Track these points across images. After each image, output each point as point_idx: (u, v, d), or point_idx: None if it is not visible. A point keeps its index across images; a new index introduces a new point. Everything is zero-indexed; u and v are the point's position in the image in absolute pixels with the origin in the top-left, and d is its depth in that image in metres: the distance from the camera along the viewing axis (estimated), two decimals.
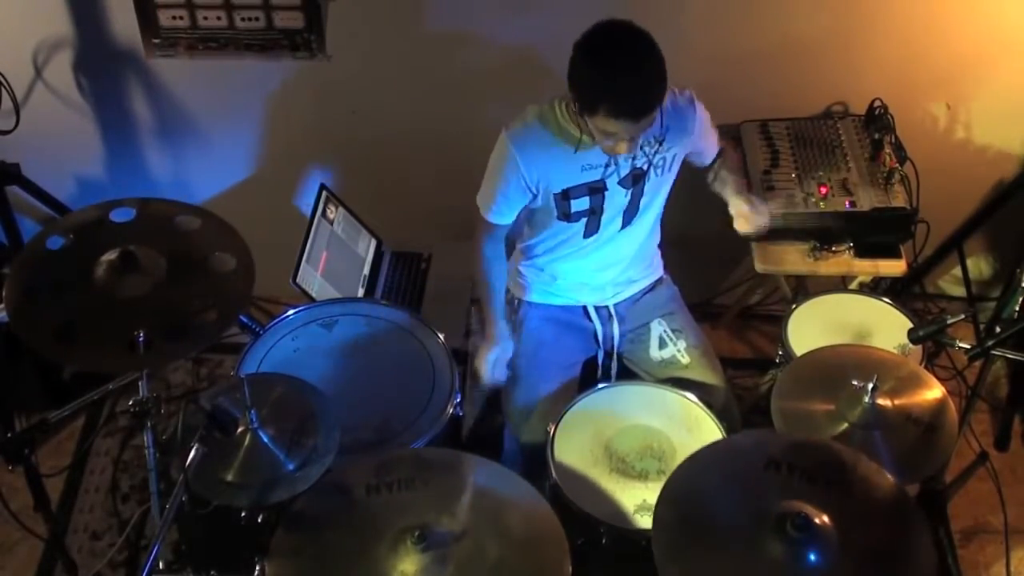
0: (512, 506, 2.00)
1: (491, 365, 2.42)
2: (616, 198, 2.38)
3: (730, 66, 2.81)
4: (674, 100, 2.33)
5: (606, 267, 2.54)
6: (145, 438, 2.22)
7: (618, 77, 2.07)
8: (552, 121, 2.27)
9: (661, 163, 2.36)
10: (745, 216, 2.49)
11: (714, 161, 2.56)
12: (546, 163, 2.29)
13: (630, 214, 2.44)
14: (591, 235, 2.45)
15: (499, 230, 2.43)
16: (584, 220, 2.41)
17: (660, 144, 2.30)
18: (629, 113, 2.09)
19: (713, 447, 2.14)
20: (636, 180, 2.36)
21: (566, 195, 2.34)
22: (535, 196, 2.36)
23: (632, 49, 2.07)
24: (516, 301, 2.62)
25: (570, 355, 2.57)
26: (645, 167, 2.34)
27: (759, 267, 2.76)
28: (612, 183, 2.34)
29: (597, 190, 2.35)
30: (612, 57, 2.08)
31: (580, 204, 2.37)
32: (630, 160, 2.31)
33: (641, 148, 2.30)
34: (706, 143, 2.51)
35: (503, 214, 2.39)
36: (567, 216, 2.39)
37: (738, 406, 2.58)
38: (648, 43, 2.08)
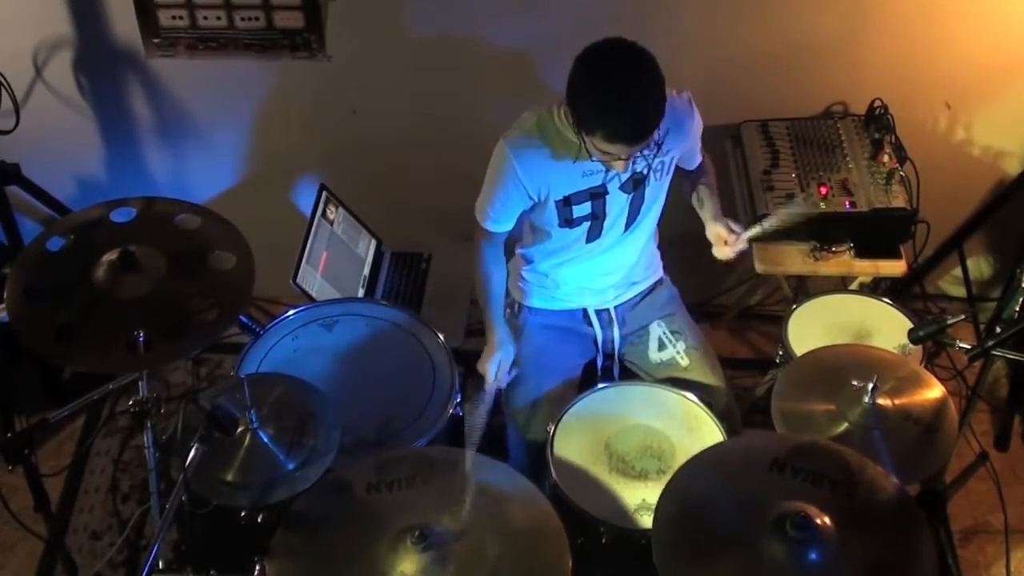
0: (513, 505, 2.00)
1: (494, 370, 2.41)
2: (617, 203, 2.37)
3: (730, 66, 2.81)
4: (672, 103, 2.32)
5: (608, 272, 2.54)
6: (145, 438, 2.22)
7: (618, 105, 2.06)
8: (551, 128, 2.26)
9: (660, 167, 2.36)
10: (723, 242, 2.45)
11: (695, 170, 2.55)
12: (546, 171, 2.29)
13: (631, 219, 2.44)
14: (593, 240, 2.45)
15: (498, 237, 2.43)
16: (586, 225, 2.40)
17: (659, 148, 2.30)
18: (626, 139, 2.09)
19: (717, 448, 2.14)
20: (636, 185, 2.36)
21: (567, 201, 2.34)
22: (536, 203, 2.35)
23: (635, 77, 2.06)
24: (516, 306, 2.62)
25: (569, 359, 2.57)
26: (645, 171, 2.34)
27: (759, 267, 2.76)
28: (613, 187, 2.34)
29: (598, 195, 2.34)
30: (614, 84, 2.06)
31: (582, 209, 2.36)
32: (631, 165, 2.31)
33: (641, 153, 2.30)
34: (697, 147, 2.51)
35: (501, 222, 2.38)
36: (569, 222, 2.39)
37: (738, 406, 2.58)
38: (651, 69, 2.07)
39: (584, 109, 2.11)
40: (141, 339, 2.13)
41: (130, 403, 2.17)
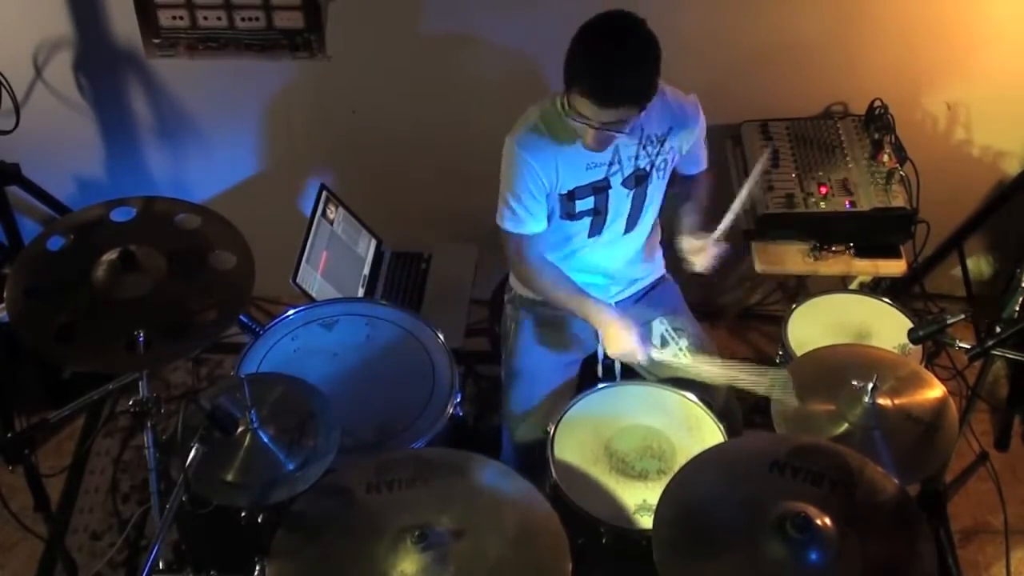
0: (512, 505, 2.00)
1: (636, 341, 2.31)
2: (619, 199, 2.37)
3: (730, 66, 2.81)
4: (679, 100, 2.33)
5: (608, 269, 2.54)
6: (145, 438, 2.22)
7: (596, 60, 2.06)
8: (554, 118, 2.26)
9: (663, 165, 2.36)
10: (697, 253, 2.40)
11: (694, 177, 2.53)
12: (554, 162, 2.28)
13: (633, 218, 2.43)
14: (595, 235, 2.45)
15: (537, 240, 2.36)
16: (588, 220, 2.40)
17: (662, 144, 2.30)
18: (597, 98, 2.06)
19: (717, 448, 2.14)
20: (639, 181, 2.36)
21: (572, 195, 2.34)
22: (548, 194, 2.34)
23: (621, 40, 2.06)
24: (517, 299, 2.62)
25: (569, 354, 2.57)
26: (648, 168, 2.34)
27: (759, 267, 2.76)
28: (615, 182, 2.34)
29: (601, 189, 2.34)
30: (598, 41, 2.07)
31: (584, 204, 2.36)
32: (633, 160, 2.31)
33: (644, 148, 2.30)
34: (699, 151, 2.49)
35: (535, 220, 2.33)
36: (571, 215, 2.38)
37: (739, 405, 2.58)
38: (642, 33, 2.07)
39: (569, 66, 2.11)
40: (141, 339, 2.12)
41: (130, 403, 2.17)
